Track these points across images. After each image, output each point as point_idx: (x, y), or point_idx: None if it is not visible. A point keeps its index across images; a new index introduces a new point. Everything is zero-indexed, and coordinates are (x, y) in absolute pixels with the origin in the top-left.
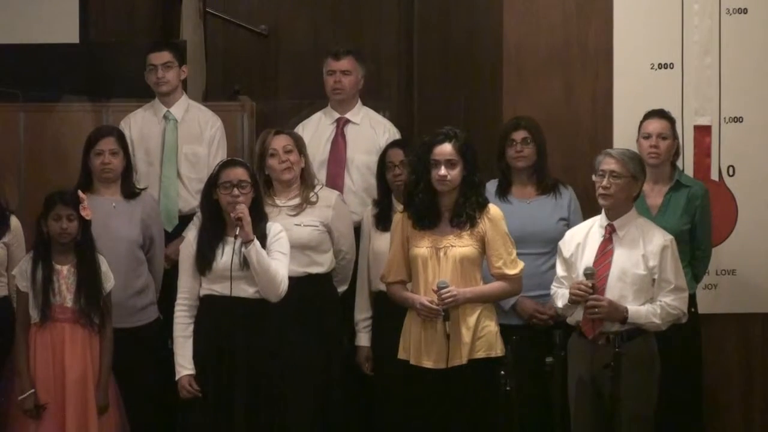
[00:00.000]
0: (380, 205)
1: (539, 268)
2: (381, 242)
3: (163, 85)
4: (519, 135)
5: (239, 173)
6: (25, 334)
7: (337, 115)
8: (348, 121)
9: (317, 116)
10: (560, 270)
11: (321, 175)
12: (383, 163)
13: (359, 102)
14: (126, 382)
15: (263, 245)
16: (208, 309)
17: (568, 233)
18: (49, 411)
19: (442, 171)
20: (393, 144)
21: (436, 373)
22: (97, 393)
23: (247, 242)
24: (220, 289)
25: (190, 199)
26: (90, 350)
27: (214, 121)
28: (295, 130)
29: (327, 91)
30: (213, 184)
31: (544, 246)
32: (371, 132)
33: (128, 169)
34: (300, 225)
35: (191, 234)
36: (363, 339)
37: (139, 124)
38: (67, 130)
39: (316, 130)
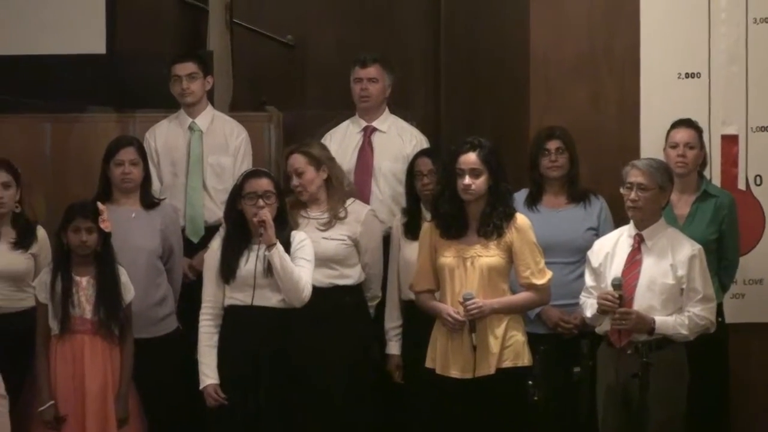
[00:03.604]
0: (409, 214)
1: (567, 277)
2: (410, 251)
3: (187, 96)
4: (553, 144)
5: (264, 184)
6: (46, 346)
7: (364, 124)
8: (375, 129)
9: (345, 125)
10: (589, 280)
11: None
12: (412, 172)
13: (386, 110)
14: (147, 392)
15: (287, 253)
16: (232, 318)
17: (597, 243)
18: (68, 423)
19: (467, 180)
20: (421, 153)
21: (463, 382)
22: (117, 405)
23: (269, 246)
24: (243, 298)
25: (215, 209)
26: (110, 362)
27: (239, 132)
28: (323, 138)
29: (354, 99)
30: (237, 194)
31: (572, 255)
32: (398, 140)
33: (147, 179)
34: (327, 238)
35: (216, 243)
36: (393, 347)
37: (165, 135)
38: (92, 140)
39: (343, 139)
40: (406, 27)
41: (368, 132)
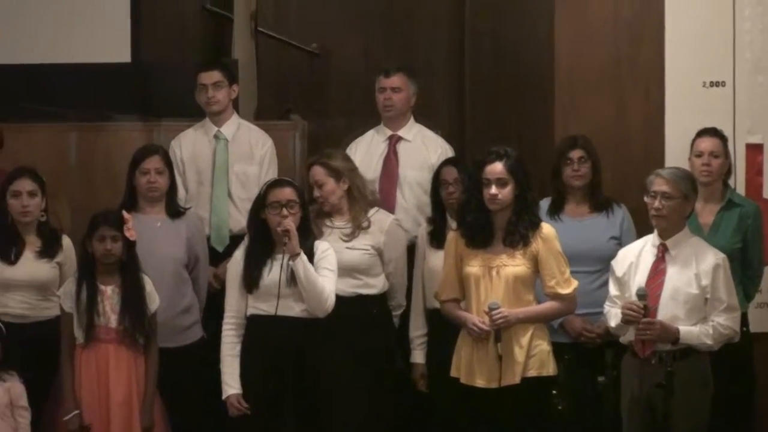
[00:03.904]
0: (434, 222)
1: (589, 286)
2: (435, 260)
3: (213, 105)
4: (576, 154)
5: (287, 193)
6: (70, 355)
7: (389, 133)
8: (400, 138)
9: (370, 134)
10: (613, 289)
11: None
12: (437, 181)
13: (412, 119)
14: (171, 402)
15: (311, 263)
16: (255, 328)
17: (621, 252)
18: None
19: (493, 190)
20: (447, 162)
21: (488, 392)
22: (141, 413)
23: (293, 256)
24: (266, 307)
25: (240, 218)
26: (135, 371)
27: (264, 141)
28: (348, 147)
29: (378, 108)
30: (261, 204)
31: (594, 264)
32: (423, 149)
33: (173, 188)
34: (351, 248)
35: (239, 253)
36: (418, 356)
37: (190, 144)
38: (118, 149)
39: (368, 148)
40: (431, 37)
41: (393, 141)
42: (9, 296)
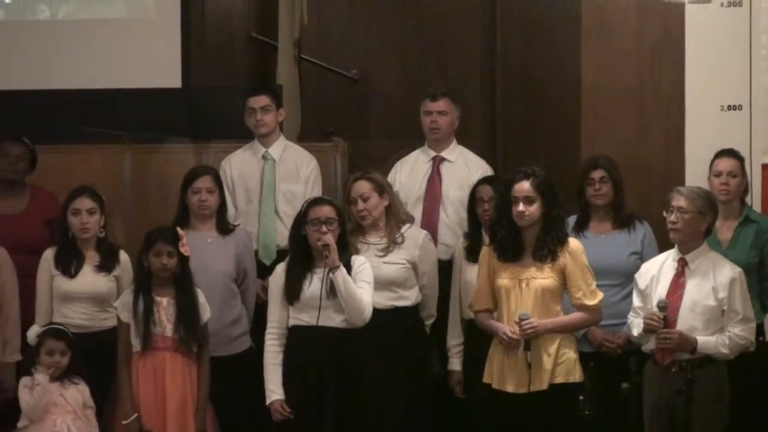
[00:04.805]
0: (470, 238)
1: (612, 298)
2: (471, 273)
3: (261, 127)
4: (597, 174)
5: (326, 211)
6: (127, 363)
7: (433, 154)
8: (443, 159)
9: (415, 154)
10: (636, 300)
11: (417, 209)
12: (473, 199)
13: (454, 141)
14: (221, 407)
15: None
16: (297, 338)
17: (644, 266)
18: None
19: (521, 207)
20: (482, 180)
21: (518, 397)
22: (195, 418)
23: (333, 269)
24: (308, 318)
25: (287, 234)
26: (189, 377)
27: (309, 161)
28: (393, 167)
29: (424, 131)
30: (302, 220)
31: (616, 278)
32: (465, 169)
33: (223, 207)
34: (388, 263)
35: (280, 267)
36: (455, 363)
37: (239, 164)
38: (170, 169)
39: (413, 168)
40: (464, 63)
41: (437, 161)
42: (69, 308)
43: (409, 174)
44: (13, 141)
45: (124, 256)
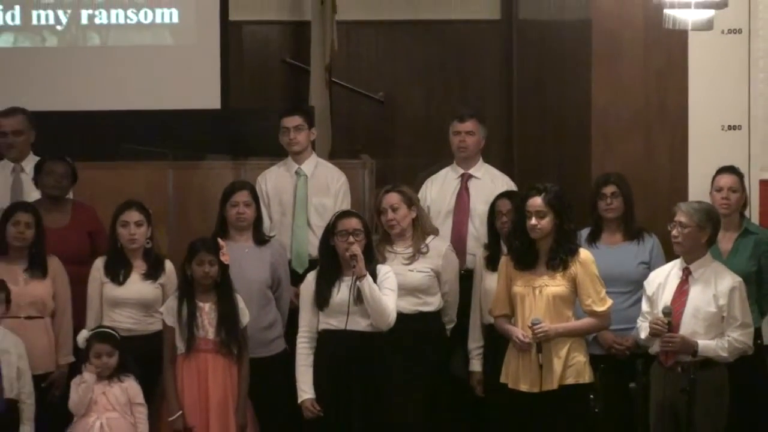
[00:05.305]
0: (490, 248)
1: (622, 304)
2: (490, 281)
3: (294, 146)
4: (608, 189)
5: (353, 223)
6: (172, 364)
7: (461, 171)
8: (471, 176)
9: (444, 171)
10: (645, 306)
11: (447, 224)
12: (493, 212)
13: (480, 159)
14: (260, 404)
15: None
16: (326, 341)
17: (652, 274)
18: (195, 431)
19: (533, 221)
20: (501, 195)
21: (531, 395)
22: (236, 415)
23: (360, 277)
24: (336, 323)
25: (318, 244)
26: (230, 377)
27: (339, 177)
28: (424, 183)
29: (453, 150)
30: (330, 232)
31: (626, 286)
32: (491, 185)
33: (259, 219)
34: (413, 271)
35: (311, 276)
36: (475, 365)
37: (274, 179)
38: (210, 184)
39: (443, 184)
40: (483, 86)
41: (465, 178)
42: (118, 312)
43: (439, 190)
44: (58, 160)
45: (168, 264)
